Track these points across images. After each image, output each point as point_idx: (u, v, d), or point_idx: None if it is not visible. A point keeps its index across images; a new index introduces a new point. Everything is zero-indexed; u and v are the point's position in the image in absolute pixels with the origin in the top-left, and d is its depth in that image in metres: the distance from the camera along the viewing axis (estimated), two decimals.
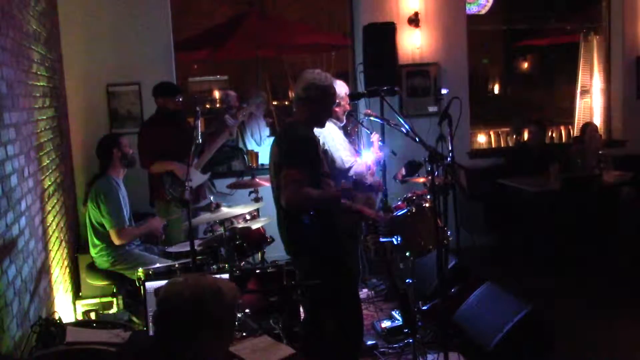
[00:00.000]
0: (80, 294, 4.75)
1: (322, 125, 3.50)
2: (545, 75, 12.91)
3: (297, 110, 3.41)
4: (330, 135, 3.85)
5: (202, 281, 2.00)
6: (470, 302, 4.15)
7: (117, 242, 4.23)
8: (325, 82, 3.34)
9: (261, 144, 6.85)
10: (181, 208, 4.78)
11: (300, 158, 3.18)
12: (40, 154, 3.94)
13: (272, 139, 7.14)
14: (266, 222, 4.53)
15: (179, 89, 5.32)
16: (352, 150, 4.17)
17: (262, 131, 6.93)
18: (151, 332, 2.15)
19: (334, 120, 3.99)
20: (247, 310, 3.49)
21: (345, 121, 4.14)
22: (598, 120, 7.37)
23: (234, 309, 2.03)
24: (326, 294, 3.29)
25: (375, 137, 4.43)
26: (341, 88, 4.01)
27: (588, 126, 6.54)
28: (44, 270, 3.62)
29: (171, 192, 4.85)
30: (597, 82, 7.46)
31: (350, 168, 3.95)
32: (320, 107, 3.37)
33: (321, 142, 3.69)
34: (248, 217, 4.54)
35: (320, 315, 3.46)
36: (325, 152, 3.75)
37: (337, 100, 3.99)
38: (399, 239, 3.81)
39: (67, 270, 4.56)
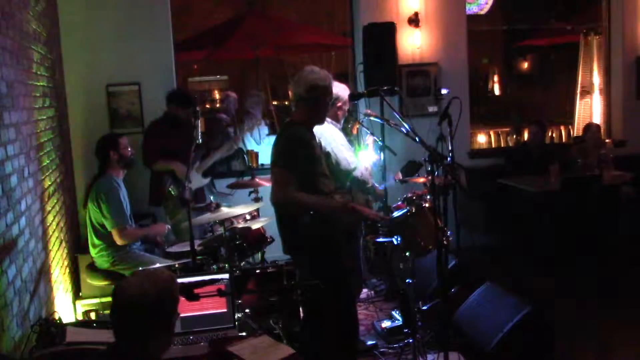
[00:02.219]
0: (80, 294, 4.75)
1: (321, 123, 3.50)
2: (545, 75, 12.90)
3: (297, 110, 3.41)
4: (332, 137, 3.85)
5: (157, 279, 2.05)
6: (470, 302, 4.15)
7: (119, 242, 4.22)
8: (327, 82, 3.36)
9: (260, 143, 6.86)
10: (180, 208, 4.82)
11: (291, 159, 3.20)
12: (40, 154, 3.94)
13: (271, 137, 7.18)
14: (266, 222, 4.53)
15: (194, 102, 5.29)
16: (352, 150, 4.17)
17: (261, 130, 6.93)
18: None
19: (334, 122, 3.99)
20: (247, 310, 3.49)
21: (342, 124, 4.13)
22: (598, 120, 7.36)
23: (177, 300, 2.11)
24: (324, 294, 3.29)
25: (370, 140, 4.44)
26: (344, 92, 4.00)
27: (590, 126, 6.54)
28: (44, 270, 3.61)
29: (173, 189, 4.90)
30: (597, 82, 7.46)
31: (354, 169, 3.95)
32: (321, 106, 3.38)
33: (323, 144, 3.69)
34: (248, 217, 4.54)
35: (318, 315, 3.46)
36: (328, 154, 3.75)
37: (339, 105, 3.99)
38: (399, 239, 3.81)
39: (67, 270, 4.56)
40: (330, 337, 3.41)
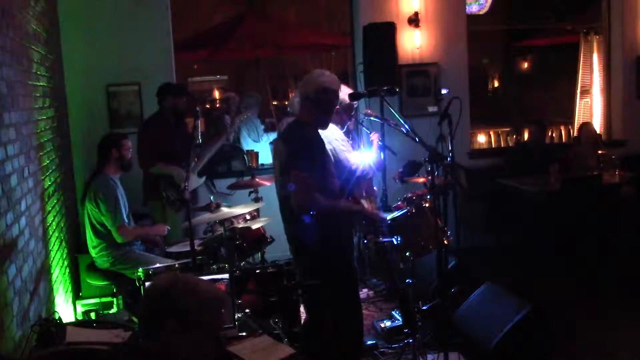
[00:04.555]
0: (80, 294, 4.75)
1: (325, 127, 3.50)
2: (545, 75, 12.89)
3: (303, 110, 3.40)
4: (333, 136, 3.86)
5: (180, 276, 1.99)
6: (470, 302, 4.15)
7: (118, 239, 4.23)
8: (335, 85, 3.37)
9: (259, 141, 6.85)
10: (175, 211, 4.79)
11: (309, 161, 3.20)
12: (40, 154, 3.94)
13: (268, 135, 7.13)
14: (266, 222, 4.53)
15: (187, 91, 5.39)
16: (353, 151, 4.16)
17: (259, 128, 6.93)
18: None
19: (336, 124, 3.98)
20: (247, 310, 3.49)
21: (345, 128, 4.13)
22: (598, 120, 7.37)
23: (212, 310, 1.96)
24: (326, 294, 3.29)
25: (374, 137, 4.42)
26: (346, 95, 4.00)
27: (584, 126, 6.55)
28: (44, 270, 3.61)
29: (167, 194, 4.86)
30: (597, 82, 7.46)
31: (355, 170, 3.95)
32: (328, 109, 3.39)
33: (325, 142, 3.70)
34: (248, 217, 4.54)
35: (321, 315, 3.46)
36: (329, 152, 3.76)
37: (338, 107, 3.99)
38: (399, 239, 3.81)
39: (67, 270, 4.56)
40: (334, 338, 3.41)
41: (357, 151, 4.15)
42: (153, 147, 4.95)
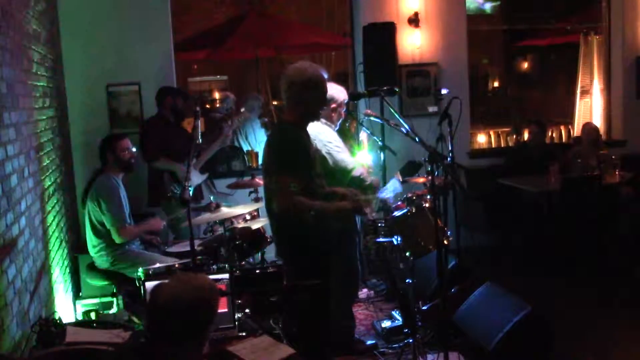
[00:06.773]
0: (80, 294, 4.75)
1: (316, 119, 3.42)
2: (545, 75, 12.88)
3: (286, 110, 3.36)
4: (328, 138, 3.86)
5: (194, 286, 2.01)
6: (470, 302, 4.14)
7: (117, 240, 4.23)
8: (304, 77, 3.17)
9: (256, 147, 6.84)
10: (182, 207, 4.81)
11: (291, 163, 3.14)
12: (40, 154, 3.94)
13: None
14: (266, 222, 4.52)
15: (189, 95, 5.51)
16: (349, 151, 4.17)
17: (257, 133, 6.92)
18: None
19: (328, 123, 3.98)
20: (247, 310, 3.49)
21: (338, 127, 4.12)
22: (598, 120, 7.36)
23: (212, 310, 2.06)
24: (318, 294, 3.27)
25: (364, 136, 4.43)
26: (339, 94, 3.99)
27: (586, 126, 6.55)
28: (44, 270, 3.62)
29: (173, 188, 4.91)
30: (597, 82, 7.46)
31: (353, 169, 3.95)
32: (306, 103, 3.23)
33: (318, 146, 3.68)
34: (248, 217, 4.55)
35: (315, 315, 3.45)
36: (325, 156, 3.75)
37: (334, 106, 3.98)
38: (399, 239, 3.81)
39: (67, 270, 4.56)
40: (312, 335, 3.38)
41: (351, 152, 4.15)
42: (158, 143, 5.03)
